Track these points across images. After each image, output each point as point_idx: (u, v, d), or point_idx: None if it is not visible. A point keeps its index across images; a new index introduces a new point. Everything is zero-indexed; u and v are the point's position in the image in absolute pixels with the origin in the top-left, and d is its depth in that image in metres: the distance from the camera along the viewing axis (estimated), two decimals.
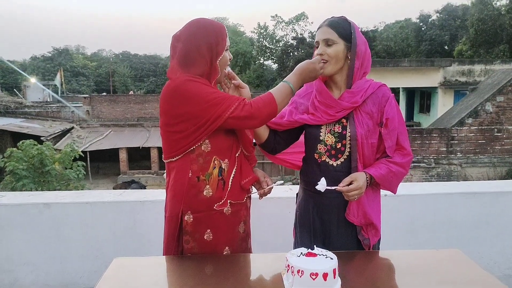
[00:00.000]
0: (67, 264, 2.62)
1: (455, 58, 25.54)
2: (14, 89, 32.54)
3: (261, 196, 1.85)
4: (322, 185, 1.63)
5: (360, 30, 1.80)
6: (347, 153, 1.73)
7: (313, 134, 1.78)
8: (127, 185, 17.42)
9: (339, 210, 1.76)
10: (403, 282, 1.47)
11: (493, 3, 26.00)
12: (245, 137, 1.75)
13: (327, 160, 1.75)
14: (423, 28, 34.63)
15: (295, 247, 1.83)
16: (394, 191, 1.80)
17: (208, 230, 1.64)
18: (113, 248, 2.53)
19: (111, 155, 21.23)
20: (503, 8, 25.65)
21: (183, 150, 1.60)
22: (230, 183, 1.66)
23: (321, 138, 1.76)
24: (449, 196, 2.76)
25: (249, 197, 1.80)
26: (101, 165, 22.19)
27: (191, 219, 1.64)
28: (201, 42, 1.62)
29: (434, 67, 18.82)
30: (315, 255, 1.39)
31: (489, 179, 11.70)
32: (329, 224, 1.77)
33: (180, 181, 1.63)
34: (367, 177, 1.66)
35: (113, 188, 16.54)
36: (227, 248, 1.67)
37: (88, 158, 17.95)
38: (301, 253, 1.40)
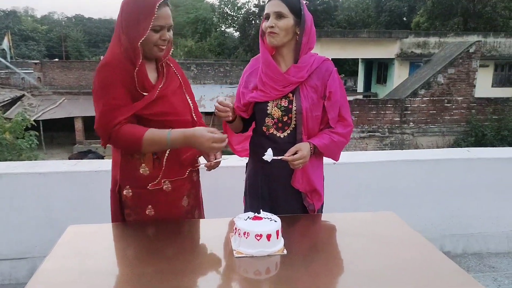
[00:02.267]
0: (21, 234, 2.62)
1: (412, 30, 26.15)
2: None
3: (208, 169, 1.80)
4: (268, 155, 1.72)
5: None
6: (293, 126, 1.82)
7: (261, 108, 1.85)
8: (83, 155, 16.99)
9: (286, 179, 1.86)
10: (340, 241, 1.62)
11: None
12: (180, 117, 1.69)
13: (275, 132, 1.84)
14: None
15: None
16: (336, 159, 1.93)
17: (150, 206, 1.67)
18: (68, 217, 2.54)
19: (65, 124, 20.50)
20: None
21: None
22: (164, 162, 1.65)
23: (268, 111, 1.83)
24: (393, 164, 2.96)
25: (195, 171, 1.81)
26: (55, 134, 21.42)
27: (130, 194, 1.67)
28: (123, 18, 1.57)
29: (391, 38, 19.26)
30: (260, 218, 1.49)
31: (437, 148, 12.39)
32: (276, 191, 1.89)
33: (115, 155, 1.67)
34: (311, 147, 1.77)
35: (69, 158, 16.11)
36: None
37: (41, 128, 17.28)
38: (248, 217, 1.50)
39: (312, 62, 1.82)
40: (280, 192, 1.88)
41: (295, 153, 1.73)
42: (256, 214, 1.52)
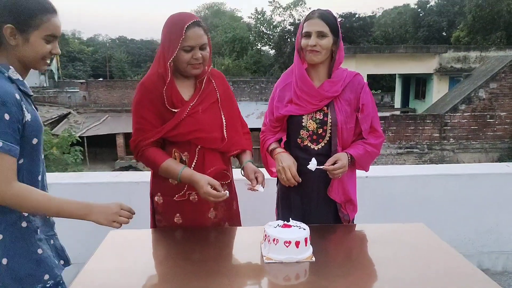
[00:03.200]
0: (65, 242, 2.77)
1: (452, 44, 25.52)
2: None
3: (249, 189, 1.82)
4: (313, 164, 1.78)
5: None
6: (328, 138, 1.88)
7: (296, 121, 1.91)
8: (124, 170, 17.58)
9: (319, 190, 1.92)
10: (370, 251, 1.64)
11: None
12: (207, 134, 1.75)
13: (309, 144, 1.90)
14: (421, 14, 34.53)
15: None
16: (367, 170, 1.97)
17: (178, 214, 1.78)
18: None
19: (108, 140, 21.33)
20: None
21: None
22: None
23: (303, 124, 1.90)
24: (427, 178, 2.92)
25: (225, 186, 1.83)
26: (98, 150, 22.30)
27: (161, 201, 1.81)
28: (161, 39, 1.70)
29: (430, 53, 18.87)
30: (290, 226, 1.55)
31: None
32: (309, 203, 1.94)
33: None
34: (348, 157, 1.83)
35: None
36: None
37: (86, 144, 18.07)
38: (278, 224, 1.57)
39: (345, 76, 1.90)
40: (313, 203, 1.94)
41: (334, 163, 1.79)
42: (285, 222, 1.58)
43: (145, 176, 2.89)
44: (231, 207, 1.92)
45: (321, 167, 1.78)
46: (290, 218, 1.60)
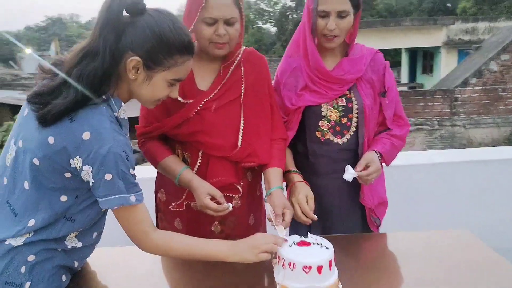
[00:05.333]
0: None
1: (458, 15, 24.78)
2: (10, 61, 32.00)
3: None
4: (350, 174, 1.45)
5: None
6: (354, 128, 1.56)
7: (314, 110, 1.56)
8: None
9: (341, 194, 1.62)
10: (409, 267, 1.33)
11: None
12: (210, 139, 1.42)
13: (331, 138, 1.57)
14: None
15: None
16: (388, 164, 1.65)
17: (178, 219, 1.50)
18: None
19: None
20: None
21: None
22: None
23: (323, 114, 1.56)
24: (453, 165, 2.64)
25: (236, 199, 1.51)
26: None
27: (164, 198, 1.54)
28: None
29: (437, 25, 18.23)
30: (308, 244, 1.24)
31: (493, 140, 11.56)
32: (330, 209, 1.62)
33: None
34: (378, 156, 1.51)
35: None
36: None
37: None
38: (293, 242, 1.25)
39: (365, 53, 1.57)
40: (334, 209, 1.63)
41: (366, 166, 1.47)
42: (302, 238, 1.27)
43: (148, 172, 2.58)
44: (244, 221, 1.56)
45: (355, 174, 1.45)
46: (309, 233, 1.29)
